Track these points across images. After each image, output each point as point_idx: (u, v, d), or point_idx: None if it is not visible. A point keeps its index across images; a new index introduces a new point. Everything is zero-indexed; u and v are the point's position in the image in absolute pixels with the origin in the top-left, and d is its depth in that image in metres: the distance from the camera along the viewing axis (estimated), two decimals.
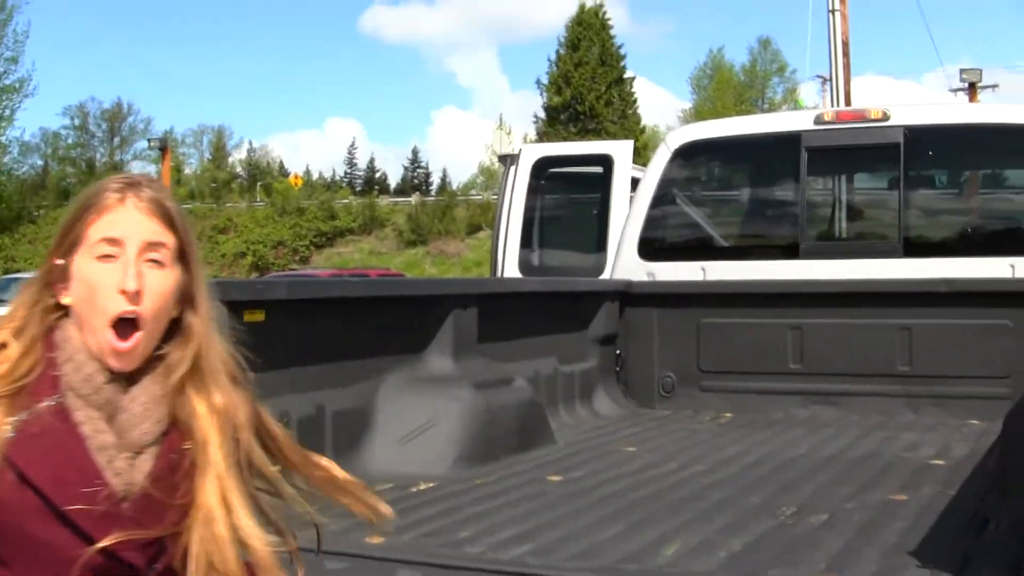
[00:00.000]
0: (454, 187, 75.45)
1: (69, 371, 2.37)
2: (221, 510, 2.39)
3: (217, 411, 2.45)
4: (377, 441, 5.81)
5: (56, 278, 2.41)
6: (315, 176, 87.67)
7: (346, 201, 66.18)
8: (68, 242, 2.40)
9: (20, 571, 2.32)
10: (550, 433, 6.84)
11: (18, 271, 49.97)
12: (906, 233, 8.25)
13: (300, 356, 5.45)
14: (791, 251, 8.53)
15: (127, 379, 2.40)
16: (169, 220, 2.43)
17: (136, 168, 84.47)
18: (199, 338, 2.46)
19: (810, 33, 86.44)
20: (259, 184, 77.55)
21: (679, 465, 6.15)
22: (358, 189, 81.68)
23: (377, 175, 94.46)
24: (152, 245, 2.38)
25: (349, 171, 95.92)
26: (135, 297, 2.33)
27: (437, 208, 60.56)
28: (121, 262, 2.35)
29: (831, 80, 28.56)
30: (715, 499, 5.22)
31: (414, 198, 66.43)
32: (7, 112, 66.03)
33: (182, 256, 2.44)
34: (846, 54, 27.60)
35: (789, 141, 8.62)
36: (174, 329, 2.46)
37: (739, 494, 5.34)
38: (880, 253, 8.28)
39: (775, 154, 8.96)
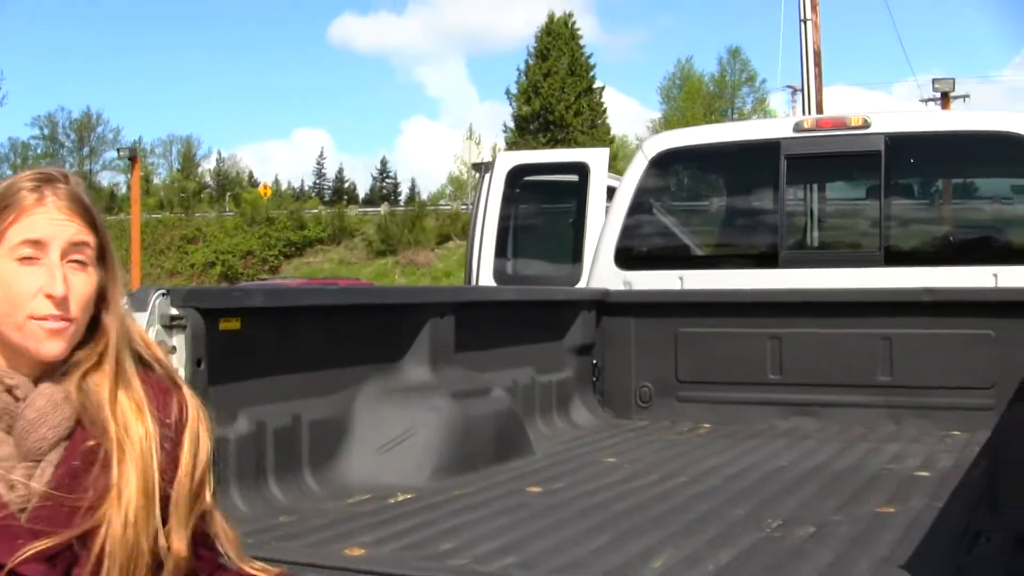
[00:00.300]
0: (423, 197, 75.54)
1: None
2: (140, 498, 2.31)
3: (138, 405, 2.37)
4: (354, 451, 5.69)
5: None
6: (284, 186, 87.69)
7: (315, 211, 66.34)
8: None
9: None
10: (528, 444, 6.74)
11: None
12: (887, 242, 8.17)
13: (276, 365, 5.33)
14: (770, 260, 8.45)
15: (27, 387, 2.32)
16: (90, 218, 2.37)
17: (105, 178, 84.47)
18: (113, 336, 2.39)
19: (782, 43, 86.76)
20: (228, 194, 77.57)
21: (660, 476, 6.05)
22: (327, 199, 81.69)
23: (346, 185, 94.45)
24: (75, 246, 2.32)
25: (318, 181, 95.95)
26: (62, 303, 2.27)
27: (406, 218, 60.66)
28: (45, 265, 2.28)
29: (803, 90, 28.53)
30: (700, 511, 5.12)
31: (383, 208, 66.45)
32: None
33: (101, 255, 2.38)
34: (818, 64, 27.60)
35: (768, 149, 8.54)
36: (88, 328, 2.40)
37: (723, 506, 5.24)
38: (861, 262, 8.21)
39: (754, 162, 8.90)
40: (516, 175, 10.15)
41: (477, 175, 10.76)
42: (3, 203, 2.32)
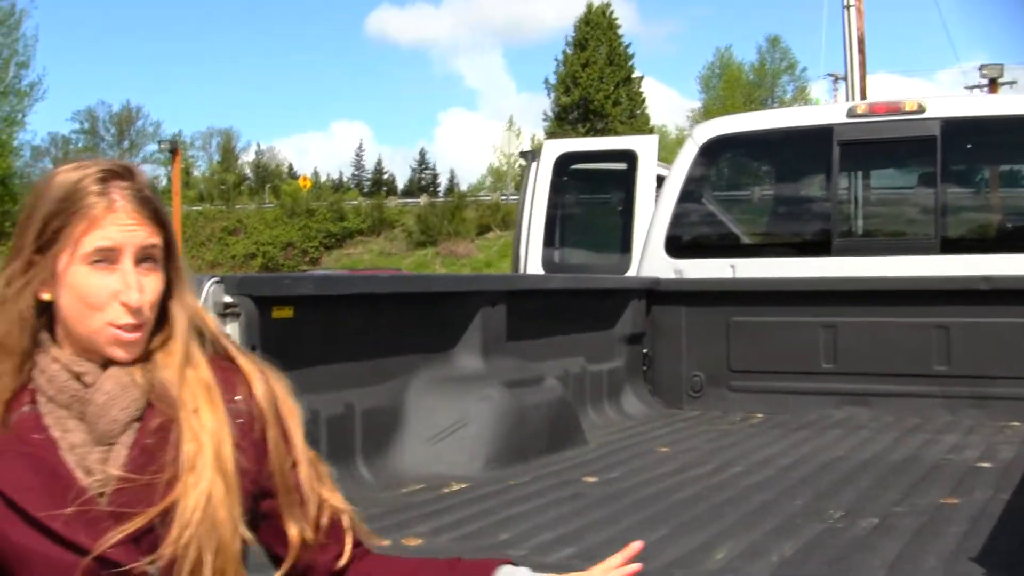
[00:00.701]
0: (462, 188, 75.51)
1: (36, 375, 2.29)
2: (216, 476, 2.26)
3: (207, 385, 2.33)
4: (407, 441, 5.63)
5: (40, 275, 2.28)
6: (323, 178, 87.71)
7: (355, 203, 66.33)
8: (45, 239, 2.27)
9: None
10: (581, 433, 6.66)
11: None
12: (943, 229, 8.05)
13: (329, 353, 5.27)
14: (823, 248, 8.34)
15: (96, 373, 2.29)
16: (157, 218, 2.32)
17: (146, 171, 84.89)
18: (181, 325, 2.35)
19: (824, 30, 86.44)
20: (268, 186, 77.69)
21: (715, 467, 5.96)
22: (366, 191, 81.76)
23: (385, 176, 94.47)
24: (145, 249, 2.28)
25: (356, 173, 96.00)
26: (137, 311, 2.24)
27: (446, 209, 60.62)
28: (119, 272, 2.25)
29: (846, 78, 28.30)
30: (758, 502, 5.03)
31: (423, 199, 66.43)
32: (19, 116, 66.43)
33: (168, 250, 2.34)
34: (861, 51, 27.35)
35: (821, 135, 8.42)
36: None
37: (782, 497, 5.15)
38: (916, 249, 8.09)
39: (806, 148, 8.79)
40: (563, 163, 10.07)
41: (521, 164, 10.70)
42: (71, 206, 2.26)
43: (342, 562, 2.46)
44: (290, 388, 2.51)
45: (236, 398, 2.37)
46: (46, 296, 2.28)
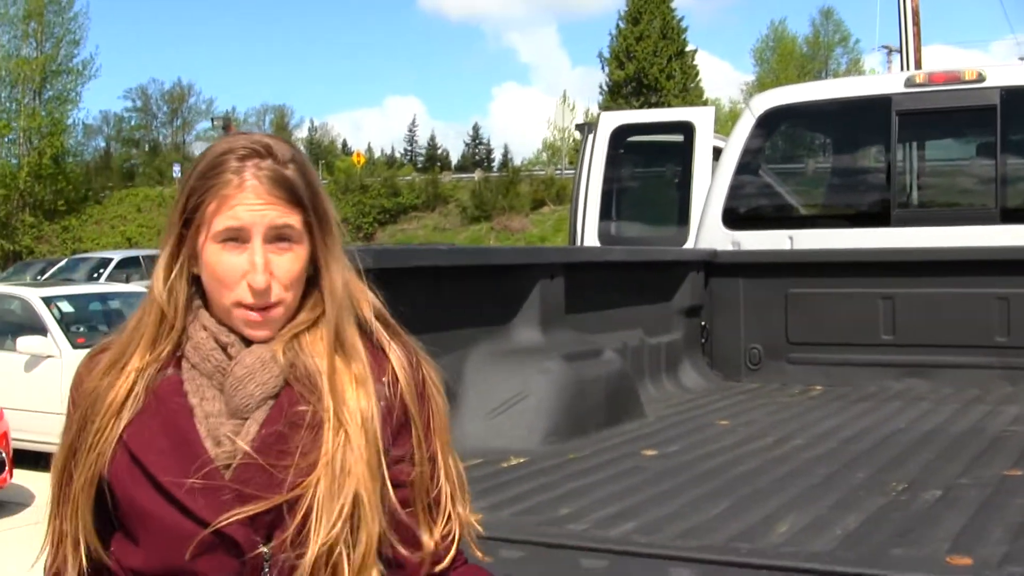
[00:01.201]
0: (516, 163, 75.43)
1: (185, 340, 2.33)
2: (365, 471, 2.26)
3: (358, 376, 2.31)
4: (465, 415, 5.60)
5: (187, 250, 2.32)
6: (376, 154, 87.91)
7: (409, 178, 66.38)
8: (188, 215, 2.30)
9: (145, 547, 2.24)
10: (640, 406, 6.63)
11: (85, 251, 50.44)
12: (1003, 199, 7.97)
13: None
14: (882, 219, 8.28)
15: (240, 345, 2.31)
16: (294, 195, 2.29)
17: (199, 149, 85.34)
18: (330, 304, 2.34)
19: (879, 2, 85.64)
20: (321, 162, 77.88)
21: (776, 440, 5.92)
22: (419, 166, 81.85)
23: (438, 152, 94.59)
24: (276, 229, 2.26)
25: (409, 148, 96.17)
26: (264, 292, 2.24)
27: (500, 184, 60.53)
28: (248, 252, 2.24)
29: (901, 50, 28.03)
30: (820, 475, 4.99)
31: (477, 174, 66.42)
32: (72, 94, 66.93)
33: (310, 226, 2.31)
34: (916, 23, 27.06)
35: (879, 104, 8.35)
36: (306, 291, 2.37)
37: (844, 469, 5.11)
38: (975, 220, 8.02)
39: (864, 118, 8.72)
40: (620, 135, 10.05)
41: (577, 138, 10.71)
42: (207, 183, 2.27)
43: (438, 569, 2.46)
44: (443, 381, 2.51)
45: (383, 379, 2.36)
46: (195, 270, 2.31)
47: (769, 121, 8.83)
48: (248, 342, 2.31)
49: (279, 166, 2.29)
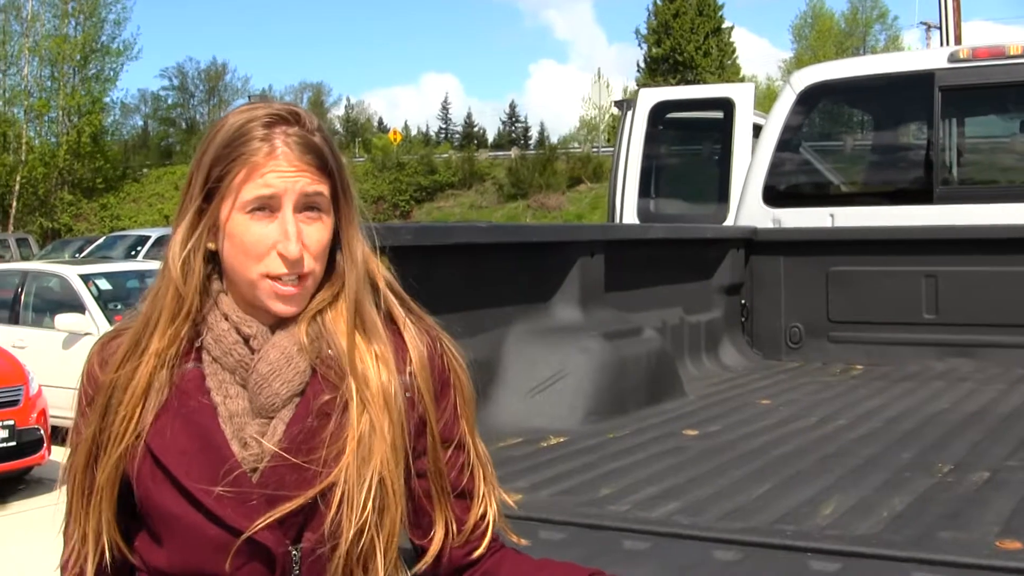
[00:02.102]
0: (552, 140, 75.40)
1: (204, 331, 2.25)
2: (388, 452, 2.21)
3: (380, 354, 2.26)
4: (504, 394, 5.55)
5: (207, 225, 2.24)
6: (413, 132, 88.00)
7: (445, 156, 66.48)
8: (211, 186, 2.21)
9: (168, 548, 2.18)
10: (681, 385, 6.56)
11: (123, 229, 50.74)
12: None
13: (425, 305, 5.19)
14: (925, 196, 8.19)
15: (264, 336, 2.24)
16: (323, 163, 2.23)
17: None
18: (351, 279, 2.28)
19: None
20: (358, 140, 77.98)
21: (819, 419, 5.85)
22: (456, 144, 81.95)
23: (475, 129, 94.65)
24: (308, 197, 2.20)
25: (445, 126, 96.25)
26: (296, 263, 2.17)
27: (537, 161, 60.55)
28: (278, 220, 2.18)
29: (940, 26, 27.86)
30: (864, 455, 4.91)
31: (513, 152, 66.42)
32: (111, 74, 67.39)
33: (336, 198, 2.27)
34: None
35: (921, 80, 8.25)
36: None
37: (888, 450, 5.03)
38: (1019, 197, 7.91)
39: (906, 94, 8.62)
40: (659, 112, 10.00)
41: (614, 114, 10.68)
42: (233, 151, 2.19)
43: (475, 555, 2.40)
44: (463, 360, 2.46)
45: (407, 370, 2.31)
46: (210, 246, 2.24)
47: (810, 97, 8.74)
48: (271, 331, 2.25)
49: (307, 133, 2.24)
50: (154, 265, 20.43)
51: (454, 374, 2.43)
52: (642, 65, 70.45)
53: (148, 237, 35.74)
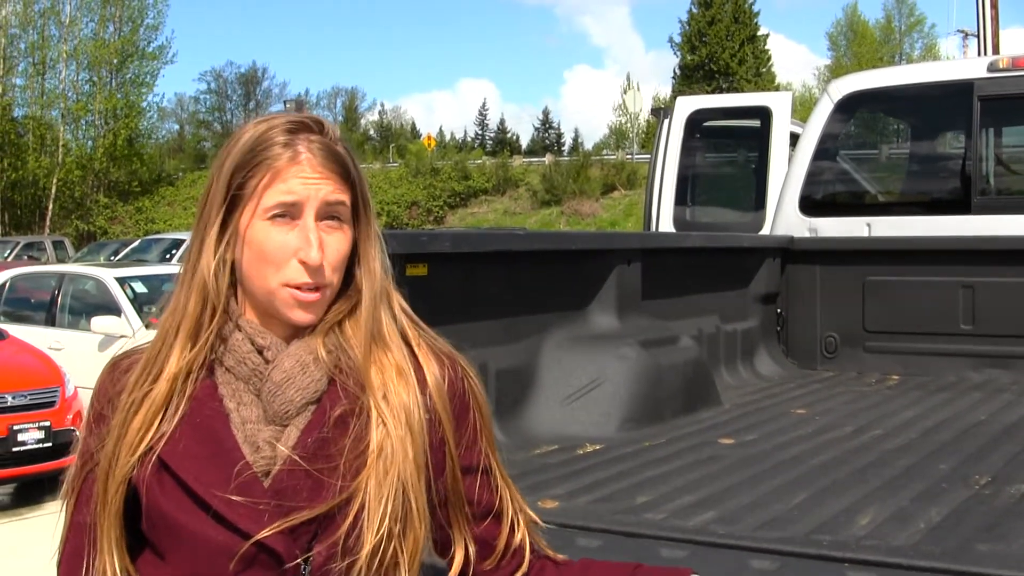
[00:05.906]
0: (587, 147, 75.35)
1: (218, 343, 2.24)
2: (409, 468, 2.19)
3: (399, 368, 2.24)
4: (541, 401, 5.55)
5: (227, 235, 2.22)
6: (447, 137, 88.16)
7: (479, 162, 66.50)
8: (232, 194, 2.20)
9: (173, 562, 2.17)
10: (716, 394, 6.56)
11: (158, 232, 50.92)
12: None
13: (462, 312, 5.20)
14: (963, 206, 8.15)
15: (278, 347, 2.23)
16: (345, 172, 2.22)
17: None
18: (367, 293, 2.27)
19: None
20: (392, 145, 78.13)
21: (854, 429, 5.83)
22: (488, 149, 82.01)
23: (508, 135, 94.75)
24: (330, 205, 2.18)
25: (480, 132, 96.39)
26: (317, 271, 2.16)
27: (571, 168, 60.47)
28: (299, 228, 2.16)
29: (978, 34, 27.68)
30: (901, 466, 4.90)
31: (547, 158, 66.40)
32: (148, 78, 67.77)
33: (356, 209, 2.25)
34: (995, 5, 26.69)
35: (960, 90, 8.22)
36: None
37: (925, 461, 5.01)
38: None
39: (945, 104, 8.59)
40: (695, 120, 9.98)
41: (649, 120, 10.69)
42: (255, 157, 2.18)
43: (520, 573, 2.41)
44: (479, 381, 2.43)
45: (426, 391, 2.28)
46: (228, 255, 2.22)
47: (848, 106, 8.72)
48: (288, 340, 2.25)
49: (330, 142, 2.23)
50: None
51: (473, 397, 2.40)
52: (677, 72, 70.44)
53: (183, 240, 35.91)
